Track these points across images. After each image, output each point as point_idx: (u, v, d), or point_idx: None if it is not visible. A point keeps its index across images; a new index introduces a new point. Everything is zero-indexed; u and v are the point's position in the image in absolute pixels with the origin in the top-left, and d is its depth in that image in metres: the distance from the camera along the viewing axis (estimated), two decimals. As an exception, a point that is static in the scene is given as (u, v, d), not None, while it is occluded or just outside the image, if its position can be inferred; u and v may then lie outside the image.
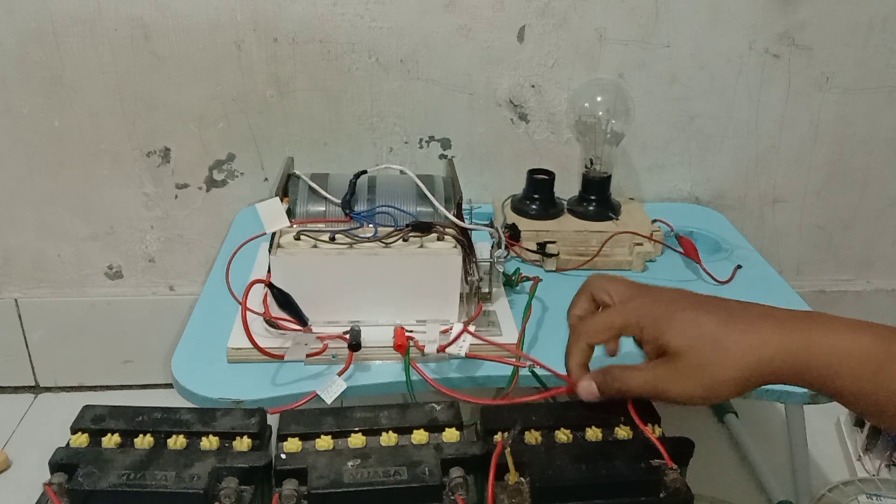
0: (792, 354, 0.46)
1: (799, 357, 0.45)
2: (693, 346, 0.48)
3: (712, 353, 0.47)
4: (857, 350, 0.44)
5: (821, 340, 0.45)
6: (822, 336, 0.46)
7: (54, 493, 0.48)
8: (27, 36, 0.87)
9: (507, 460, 0.51)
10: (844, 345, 0.45)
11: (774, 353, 0.46)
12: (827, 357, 0.45)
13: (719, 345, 0.47)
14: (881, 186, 1.06)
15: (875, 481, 0.85)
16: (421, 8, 0.89)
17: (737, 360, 0.46)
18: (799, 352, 0.45)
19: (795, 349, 0.46)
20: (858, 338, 0.45)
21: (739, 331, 0.47)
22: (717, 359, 0.47)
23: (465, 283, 0.70)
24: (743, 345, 0.47)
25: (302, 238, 0.68)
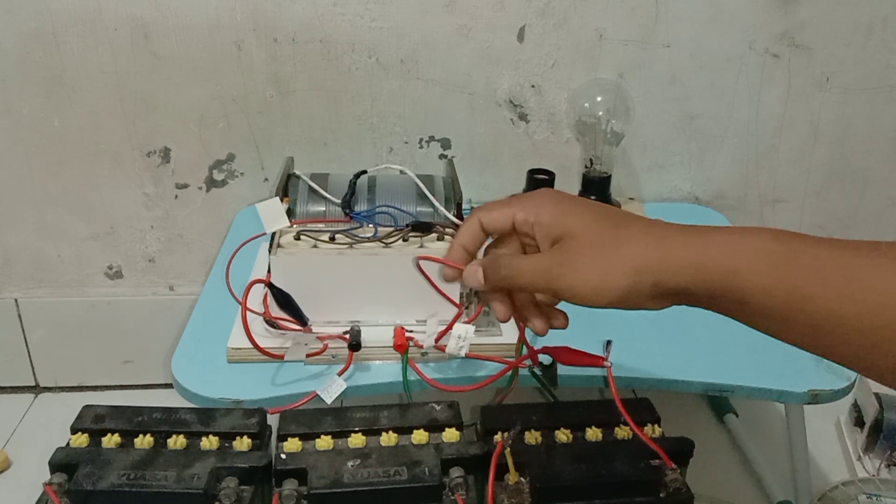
0: (693, 251, 0.41)
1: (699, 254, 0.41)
2: (592, 227, 0.43)
3: (611, 238, 0.42)
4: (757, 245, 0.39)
5: (720, 237, 0.41)
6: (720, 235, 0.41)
7: (54, 493, 0.48)
8: (27, 36, 0.87)
9: (507, 460, 0.51)
10: (741, 240, 0.40)
11: (672, 251, 0.41)
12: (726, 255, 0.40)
13: (619, 231, 0.43)
14: (881, 186, 1.06)
15: (875, 481, 0.85)
16: (421, 8, 0.89)
17: (633, 250, 0.42)
18: (699, 247, 0.41)
19: (696, 245, 0.41)
20: (755, 235, 0.40)
21: (640, 226, 0.43)
22: (611, 244, 0.42)
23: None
24: (642, 235, 0.42)
25: (302, 238, 0.68)
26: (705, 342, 0.70)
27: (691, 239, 0.41)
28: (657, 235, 0.42)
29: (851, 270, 0.37)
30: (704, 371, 0.67)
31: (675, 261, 0.41)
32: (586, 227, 0.43)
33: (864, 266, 0.37)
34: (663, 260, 0.41)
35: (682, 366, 0.67)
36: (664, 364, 0.67)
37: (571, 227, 0.44)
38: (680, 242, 0.41)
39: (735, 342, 0.70)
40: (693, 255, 0.41)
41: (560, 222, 0.44)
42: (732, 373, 0.67)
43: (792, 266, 0.38)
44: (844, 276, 0.37)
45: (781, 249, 0.39)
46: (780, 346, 0.67)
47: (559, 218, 0.45)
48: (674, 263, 0.41)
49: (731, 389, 0.66)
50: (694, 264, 0.40)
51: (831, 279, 0.37)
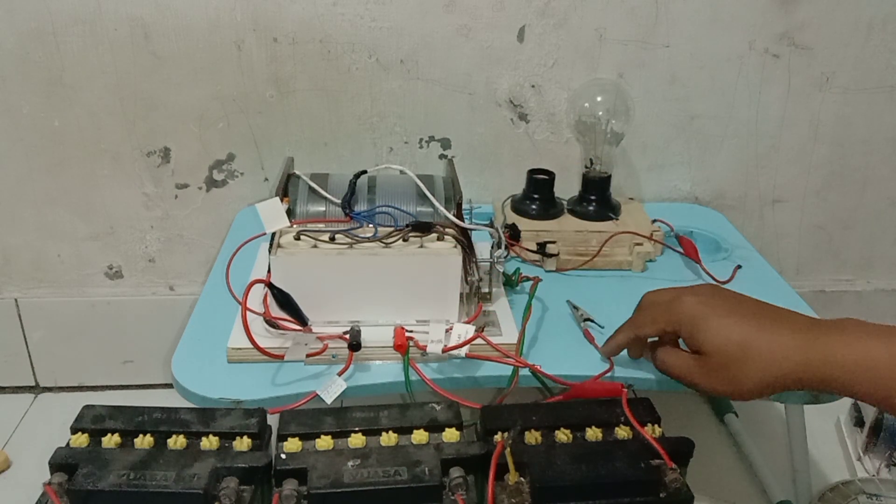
0: (812, 366, 0.49)
1: (819, 369, 0.49)
2: (720, 349, 0.53)
3: (737, 360, 0.52)
4: (873, 361, 0.47)
5: (840, 352, 0.49)
6: (841, 348, 0.49)
7: (54, 493, 0.48)
8: (27, 36, 0.87)
9: (507, 460, 0.51)
10: (862, 355, 0.48)
11: (795, 366, 0.50)
12: (844, 369, 0.48)
13: (745, 353, 0.52)
14: (881, 186, 1.06)
15: (875, 481, 0.85)
16: (421, 8, 0.89)
17: (759, 368, 0.51)
18: (819, 364, 0.49)
19: (816, 361, 0.49)
20: (877, 348, 0.48)
21: (765, 341, 0.51)
22: (740, 365, 0.52)
23: (465, 283, 0.70)
24: (766, 355, 0.51)
25: (302, 238, 0.68)
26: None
27: (814, 355, 0.50)
28: (781, 356, 0.51)
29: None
30: (704, 371, 0.67)
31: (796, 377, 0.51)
32: (717, 350, 0.53)
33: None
34: (786, 380, 0.51)
35: (682, 366, 0.67)
36: (664, 364, 0.67)
37: (706, 347, 0.54)
38: (803, 362, 0.50)
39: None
40: (816, 374, 0.49)
41: (697, 339, 0.55)
42: (732, 373, 0.66)
43: None
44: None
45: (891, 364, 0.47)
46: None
47: (697, 335, 0.55)
48: (797, 379, 0.51)
49: (731, 389, 0.66)
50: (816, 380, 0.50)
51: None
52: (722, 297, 0.57)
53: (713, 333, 0.53)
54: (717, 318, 0.54)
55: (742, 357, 0.52)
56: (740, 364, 0.52)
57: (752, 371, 0.51)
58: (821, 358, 0.49)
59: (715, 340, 0.53)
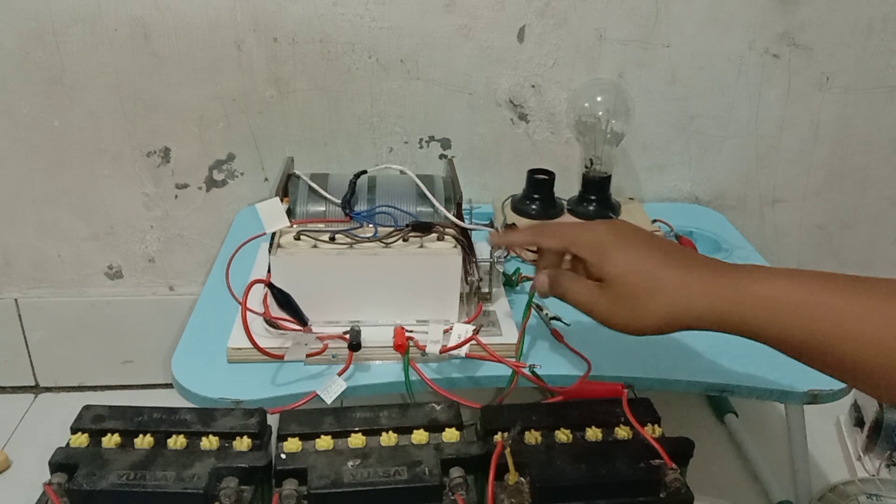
0: (715, 303, 0.47)
1: (721, 306, 0.47)
2: (626, 278, 0.50)
3: (642, 290, 0.50)
4: (777, 301, 0.46)
5: (743, 291, 0.47)
6: (746, 287, 0.47)
7: (54, 493, 0.48)
8: (27, 36, 0.87)
9: (507, 460, 0.51)
10: (767, 295, 0.46)
11: (698, 301, 0.48)
12: (744, 307, 0.47)
13: (650, 284, 0.49)
14: (881, 186, 1.06)
15: (875, 481, 0.85)
16: (421, 8, 0.89)
17: (663, 301, 0.49)
18: (722, 301, 0.47)
19: (719, 299, 0.47)
20: (781, 288, 0.46)
21: (672, 275, 0.49)
22: (645, 296, 0.49)
23: (465, 283, 0.70)
24: (671, 288, 0.49)
25: (302, 238, 0.68)
26: (705, 342, 0.70)
27: (723, 291, 0.47)
28: (688, 291, 0.48)
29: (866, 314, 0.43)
30: (704, 371, 0.67)
31: (700, 314, 0.48)
32: (625, 277, 0.51)
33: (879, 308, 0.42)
34: (690, 316, 0.48)
35: (682, 366, 0.67)
36: (664, 364, 0.67)
37: (612, 274, 0.51)
38: (710, 298, 0.48)
39: (735, 342, 0.69)
40: (724, 312, 0.47)
41: (602, 266, 0.52)
42: (732, 373, 0.67)
43: (817, 321, 0.44)
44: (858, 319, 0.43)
45: (809, 301, 0.45)
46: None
47: (602, 262, 0.52)
48: (701, 315, 0.48)
49: (731, 389, 0.66)
50: (722, 318, 0.47)
51: (844, 325, 0.43)
52: (634, 230, 0.55)
53: (621, 261, 0.51)
54: (625, 247, 0.52)
55: (647, 288, 0.49)
56: (645, 295, 0.49)
57: (655, 304, 0.49)
58: (725, 296, 0.47)
59: (621, 268, 0.51)
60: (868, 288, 0.44)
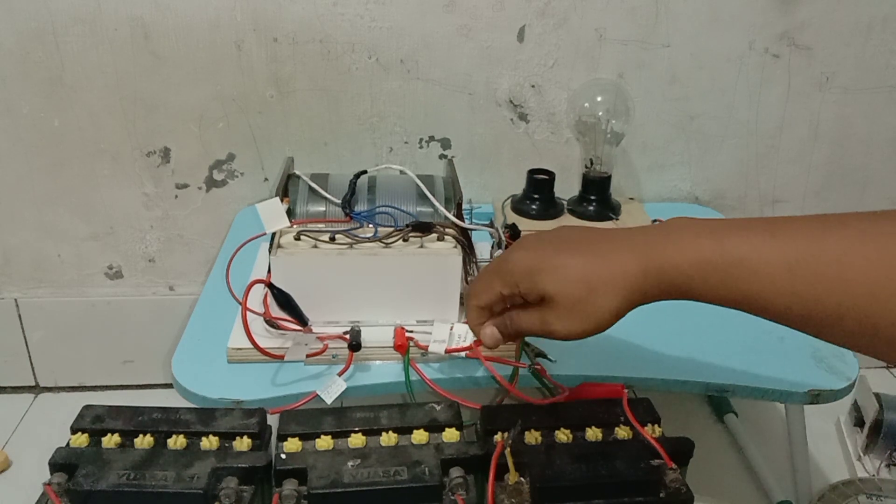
0: (651, 277, 0.48)
1: (658, 278, 0.48)
2: (563, 290, 0.50)
3: (583, 293, 0.50)
4: (707, 260, 0.46)
5: (673, 257, 0.47)
6: (674, 253, 0.47)
7: (54, 493, 0.48)
8: (27, 36, 0.87)
9: (507, 460, 0.51)
10: (695, 256, 0.47)
11: (636, 281, 0.48)
12: (680, 272, 0.47)
13: (588, 286, 0.49)
14: (881, 186, 1.06)
15: (875, 481, 0.85)
16: (421, 8, 0.89)
17: (605, 293, 0.49)
18: (657, 272, 0.48)
19: (653, 271, 0.48)
20: (708, 246, 0.46)
21: (602, 266, 0.50)
22: (587, 297, 0.49)
23: (466, 283, 0.70)
24: (607, 278, 0.49)
25: (302, 238, 0.68)
26: (705, 342, 0.70)
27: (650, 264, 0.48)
28: (620, 274, 0.49)
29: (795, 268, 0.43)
30: (704, 371, 0.67)
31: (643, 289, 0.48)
32: (561, 291, 0.50)
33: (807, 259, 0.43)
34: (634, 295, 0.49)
35: (682, 366, 0.67)
36: (664, 364, 0.67)
37: (548, 291, 0.50)
38: (642, 273, 0.48)
39: (735, 342, 0.70)
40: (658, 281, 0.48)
41: (538, 289, 0.51)
42: (732, 373, 0.67)
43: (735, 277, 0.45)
44: (789, 272, 0.43)
45: (723, 255, 0.45)
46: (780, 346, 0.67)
47: (536, 285, 0.51)
48: (645, 290, 0.48)
49: (731, 389, 0.66)
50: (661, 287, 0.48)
51: (775, 282, 0.44)
52: (548, 239, 0.54)
53: (552, 278, 0.50)
54: (550, 263, 0.51)
55: (587, 291, 0.49)
56: (588, 299, 0.49)
57: (600, 302, 0.49)
58: (657, 266, 0.47)
59: (556, 285, 0.50)
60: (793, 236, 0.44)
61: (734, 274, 0.45)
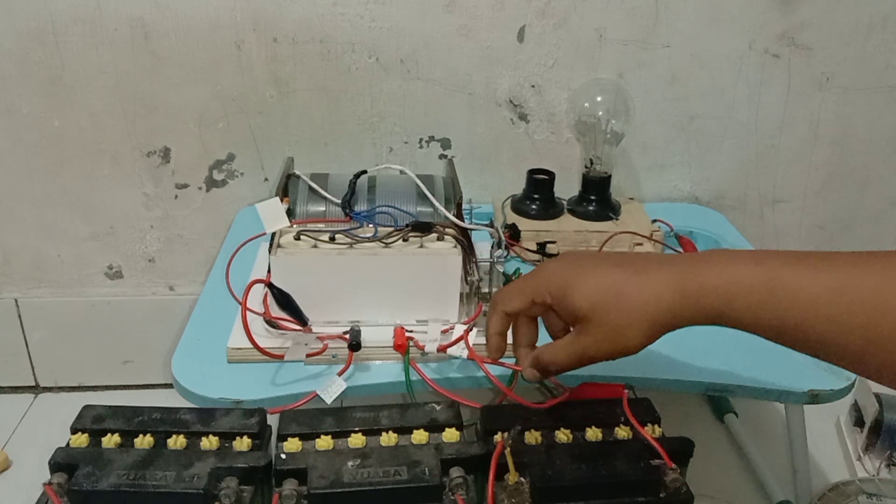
0: (687, 299, 0.48)
1: (694, 300, 0.47)
2: (598, 307, 0.50)
3: (615, 310, 0.49)
4: (745, 284, 0.46)
5: (711, 280, 0.47)
6: (712, 277, 0.47)
7: (54, 493, 0.48)
8: (27, 36, 0.87)
9: (507, 460, 0.51)
10: (734, 280, 0.46)
11: (671, 301, 0.48)
12: (718, 295, 0.47)
13: (620, 301, 0.49)
14: (881, 186, 1.06)
15: (875, 481, 0.85)
16: (421, 8, 0.89)
17: (639, 312, 0.49)
18: (693, 295, 0.47)
19: (690, 293, 0.47)
20: (748, 270, 0.46)
21: (637, 283, 0.49)
22: (620, 315, 0.49)
23: (465, 283, 0.70)
24: (641, 297, 0.49)
25: (302, 238, 0.68)
26: (705, 342, 0.70)
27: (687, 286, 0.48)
28: (656, 294, 0.48)
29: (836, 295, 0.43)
30: (704, 371, 0.67)
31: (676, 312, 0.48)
32: (595, 308, 0.50)
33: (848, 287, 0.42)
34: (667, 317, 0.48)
35: (682, 366, 0.67)
36: (664, 364, 0.67)
37: (580, 305, 0.50)
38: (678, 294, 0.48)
39: (735, 342, 0.69)
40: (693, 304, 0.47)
41: (572, 306, 0.50)
42: (732, 373, 0.67)
43: (775, 299, 0.44)
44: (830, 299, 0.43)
45: (765, 280, 0.45)
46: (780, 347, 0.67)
47: (567, 298, 0.51)
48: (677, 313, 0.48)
49: (731, 389, 0.66)
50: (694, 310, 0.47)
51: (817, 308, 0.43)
52: (584, 255, 0.54)
53: (586, 291, 0.50)
54: (585, 275, 0.51)
55: (619, 306, 0.49)
56: (620, 315, 0.49)
57: (633, 318, 0.49)
58: (694, 289, 0.47)
59: (589, 297, 0.50)
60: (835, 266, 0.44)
61: (775, 297, 0.45)
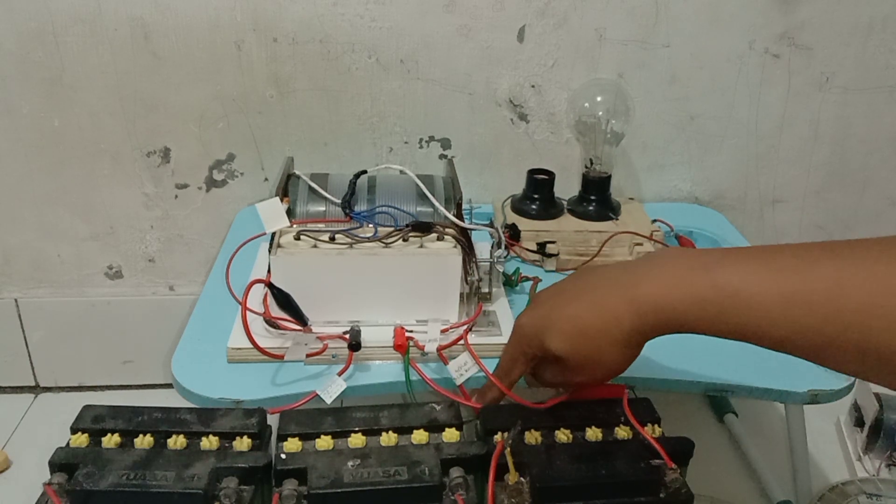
0: (643, 315, 0.48)
1: (653, 317, 0.48)
2: (568, 349, 0.52)
3: (586, 346, 0.51)
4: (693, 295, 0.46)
5: (661, 294, 0.47)
6: (664, 291, 0.47)
7: (54, 493, 0.48)
8: (27, 36, 0.87)
9: (507, 460, 0.51)
10: (680, 293, 0.47)
11: (632, 321, 0.49)
12: (670, 310, 0.47)
13: (585, 337, 0.51)
14: (881, 186, 1.06)
15: (875, 481, 0.85)
16: (421, 8, 0.89)
17: (605, 339, 0.50)
18: (651, 312, 0.48)
19: (644, 310, 0.48)
20: (691, 282, 0.46)
21: (594, 315, 0.50)
22: (592, 348, 0.51)
23: (465, 283, 0.70)
24: (603, 325, 0.50)
25: (302, 238, 0.68)
26: (705, 342, 0.69)
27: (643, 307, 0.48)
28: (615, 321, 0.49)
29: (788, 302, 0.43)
30: (704, 371, 0.67)
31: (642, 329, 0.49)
32: (569, 349, 0.52)
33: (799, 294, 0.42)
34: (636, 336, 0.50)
35: (682, 366, 0.67)
36: (664, 364, 0.67)
37: (559, 352, 0.52)
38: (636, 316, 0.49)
39: (735, 342, 0.70)
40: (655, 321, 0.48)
41: (550, 351, 0.52)
42: (732, 373, 0.67)
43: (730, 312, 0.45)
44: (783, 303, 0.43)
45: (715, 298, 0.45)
46: (780, 346, 0.65)
47: (545, 348, 0.53)
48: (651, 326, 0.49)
49: (731, 389, 0.66)
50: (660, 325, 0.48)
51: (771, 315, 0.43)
52: (546, 298, 0.55)
53: (556, 339, 0.52)
54: (550, 323, 0.53)
55: (587, 343, 0.51)
56: (591, 350, 0.51)
57: (604, 349, 0.50)
58: (648, 307, 0.48)
59: (560, 345, 0.52)
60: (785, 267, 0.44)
61: (728, 307, 0.45)
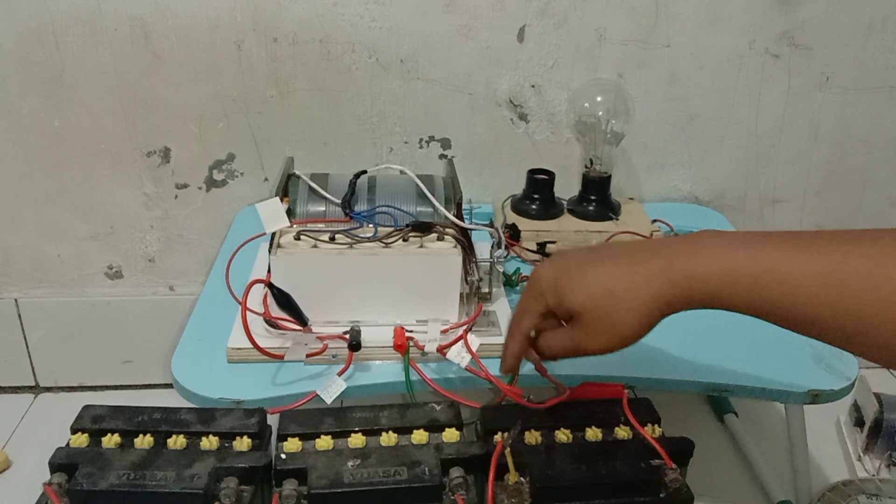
0: (677, 286, 0.47)
1: (683, 287, 0.47)
2: (590, 302, 0.50)
3: (607, 304, 0.49)
4: (734, 268, 0.45)
5: (700, 266, 0.47)
6: (701, 262, 0.47)
7: (54, 493, 0.48)
8: (27, 36, 0.87)
9: (507, 460, 0.51)
10: (723, 265, 0.46)
11: (662, 289, 0.48)
12: (707, 282, 0.46)
13: (612, 296, 0.49)
14: (881, 186, 1.06)
15: (875, 481, 0.85)
16: (421, 8, 0.89)
17: (629, 306, 0.49)
18: (682, 281, 0.47)
19: (679, 280, 0.47)
20: (736, 254, 0.46)
21: (626, 276, 0.49)
22: (612, 310, 0.49)
23: (465, 283, 0.70)
24: (631, 289, 0.49)
25: (302, 238, 0.68)
26: (705, 342, 0.70)
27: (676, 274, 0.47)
28: (645, 284, 0.48)
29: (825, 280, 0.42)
30: (704, 371, 0.67)
31: (669, 299, 0.48)
32: (587, 303, 0.50)
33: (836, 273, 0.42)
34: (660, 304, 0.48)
35: (682, 366, 0.67)
36: (664, 364, 0.67)
37: (576, 306, 0.50)
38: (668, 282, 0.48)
39: (735, 342, 0.70)
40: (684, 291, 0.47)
41: (564, 303, 0.51)
42: (732, 373, 0.67)
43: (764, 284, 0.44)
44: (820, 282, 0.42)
45: (754, 266, 0.45)
46: (780, 347, 0.67)
47: (561, 299, 0.51)
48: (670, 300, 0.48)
49: (731, 389, 0.66)
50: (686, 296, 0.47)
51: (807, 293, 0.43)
52: (573, 253, 0.54)
53: (576, 290, 0.50)
54: (574, 275, 0.51)
55: (611, 302, 0.49)
56: (612, 309, 0.49)
57: (624, 312, 0.49)
58: (682, 277, 0.47)
59: (580, 297, 0.50)
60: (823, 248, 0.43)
61: (763, 282, 0.44)
